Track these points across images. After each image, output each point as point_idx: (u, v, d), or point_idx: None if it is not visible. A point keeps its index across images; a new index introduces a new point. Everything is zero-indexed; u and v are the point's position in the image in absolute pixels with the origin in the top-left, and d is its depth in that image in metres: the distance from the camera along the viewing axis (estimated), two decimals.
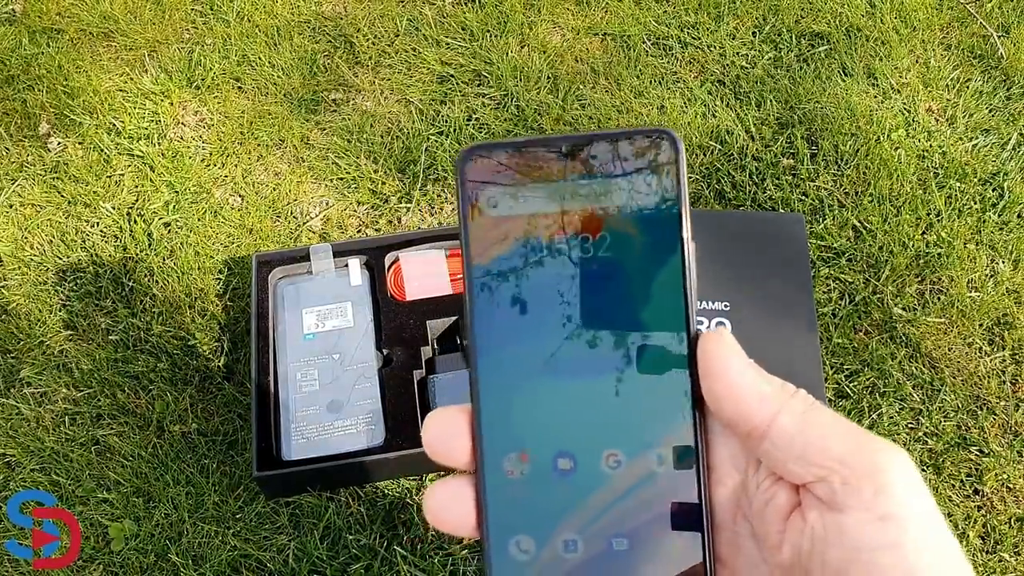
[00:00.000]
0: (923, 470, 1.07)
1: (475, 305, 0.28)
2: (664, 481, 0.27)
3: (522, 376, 0.28)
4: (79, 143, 1.37)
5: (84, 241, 1.27)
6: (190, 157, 1.35)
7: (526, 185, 0.28)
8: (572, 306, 0.28)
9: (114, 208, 1.30)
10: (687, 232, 0.27)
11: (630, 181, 0.27)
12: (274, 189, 1.32)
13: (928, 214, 1.28)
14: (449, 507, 0.27)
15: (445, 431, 0.28)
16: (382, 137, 1.38)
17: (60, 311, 1.20)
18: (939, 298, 1.20)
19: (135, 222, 1.28)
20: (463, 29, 1.52)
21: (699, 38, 1.50)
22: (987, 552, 1.03)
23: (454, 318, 1.10)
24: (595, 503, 0.27)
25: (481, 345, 0.28)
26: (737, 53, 1.48)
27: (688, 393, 0.27)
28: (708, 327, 1.04)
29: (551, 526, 0.27)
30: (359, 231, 1.28)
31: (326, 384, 1.05)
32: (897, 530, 0.23)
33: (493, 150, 0.28)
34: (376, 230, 1.28)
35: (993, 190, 1.31)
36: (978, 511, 1.05)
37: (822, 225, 1.26)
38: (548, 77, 1.45)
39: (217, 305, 1.20)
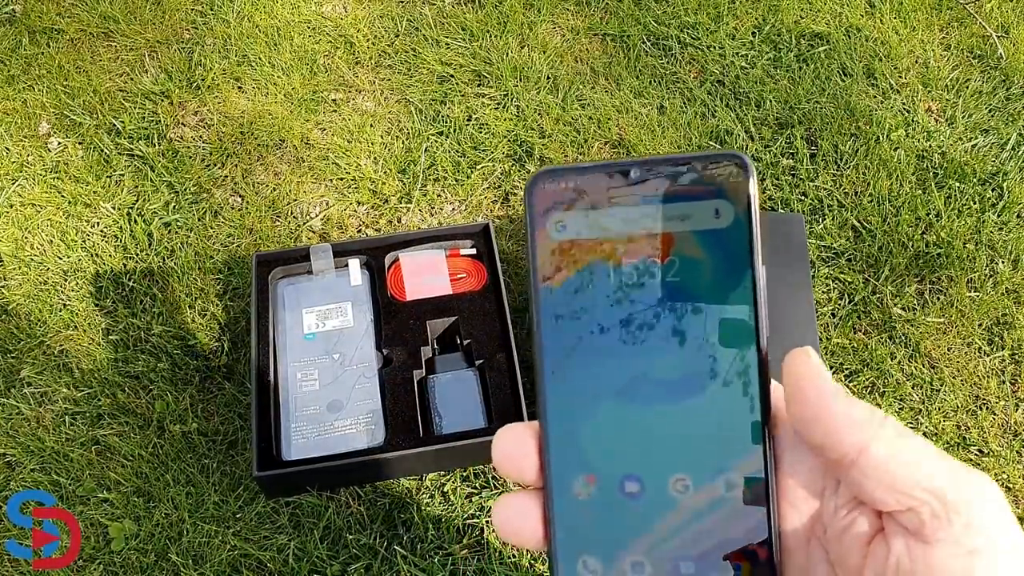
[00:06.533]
0: None
1: (543, 328, 0.28)
2: (733, 506, 0.27)
3: (590, 399, 0.28)
4: (79, 143, 1.37)
5: (84, 241, 1.27)
6: (190, 157, 1.36)
7: (595, 209, 0.28)
8: (640, 330, 0.28)
9: (114, 208, 1.30)
10: (758, 256, 0.27)
11: (701, 205, 0.27)
12: (274, 189, 1.32)
13: (927, 214, 1.28)
14: (517, 521, 0.28)
15: (514, 449, 0.28)
16: (382, 137, 1.38)
17: (60, 311, 1.20)
18: (938, 298, 1.20)
19: (135, 222, 1.28)
20: (463, 29, 1.52)
21: (699, 38, 1.50)
22: None
23: (454, 318, 1.10)
24: (663, 527, 0.27)
25: (549, 367, 0.28)
26: (737, 53, 1.48)
27: (759, 418, 0.27)
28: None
29: (618, 548, 0.27)
30: (359, 231, 1.28)
31: (326, 384, 1.06)
32: (987, 565, 0.23)
33: (562, 175, 0.28)
34: (376, 230, 1.28)
35: (992, 190, 1.31)
36: None
37: (822, 225, 1.27)
38: (548, 77, 1.45)
39: (217, 305, 1.20)
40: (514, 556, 1.01)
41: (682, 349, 0.27)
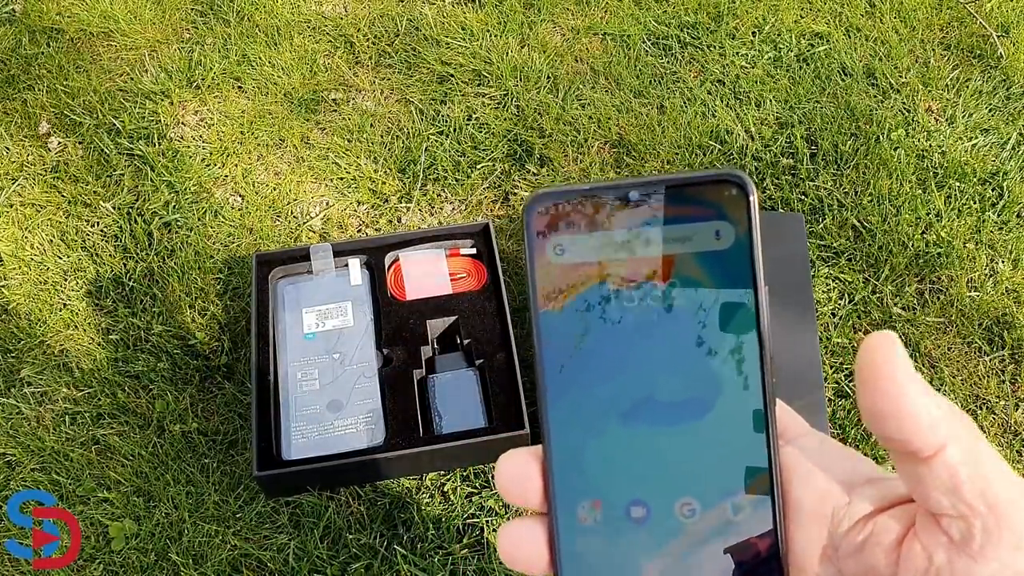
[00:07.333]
0: None
1: (543, 352, 0.28)
2: (741, 529, 0.27)
3: (593, 424, 0.27)
4: (79, 143, 1.37)
5: (84, 241, 1.27)
6: (190, 157, 1.36)
7: (594, 231, 0.27)
8: (642, 353, 0.27)
9: (114, 208, 1.30)
10: (760, 278, 0.27)
11: (701, 227, 0.27)
12: (274, 189, 1.32)
13: (928, 214, 1.28)
14: (522, 548, 0.28)
15: (518, 474, 0.28)
16: (382, 137, 1.38)
17: (60, 311, 1.20)
18: (938, 298, 1.20)
19: (135, 222, 1.28)
20: (463, 29, 1.52)
21: (699, 38, 1.50)
22: None
23: (454, 317, 1.10)
24: (669, 552, 0.27)
25: (551, 392, 0.28)
26: (737, 53, 1.48)
27: (765, 440, 0.27)
28: None
29: (625, 574, 0.27)
30: (359, 231, 1.28)
31: (326, 384, 1.06)
32: None
33: (560, 196, 0.28)
34: (376, 230, 1.28)
35: (992, 190, 1.31)
36: None
37: (822, 225, 1.27)
38: (548, 77, 1.45)
39: (217, 305, 1.20)
40: None
41: (685, 372, 0.27)
